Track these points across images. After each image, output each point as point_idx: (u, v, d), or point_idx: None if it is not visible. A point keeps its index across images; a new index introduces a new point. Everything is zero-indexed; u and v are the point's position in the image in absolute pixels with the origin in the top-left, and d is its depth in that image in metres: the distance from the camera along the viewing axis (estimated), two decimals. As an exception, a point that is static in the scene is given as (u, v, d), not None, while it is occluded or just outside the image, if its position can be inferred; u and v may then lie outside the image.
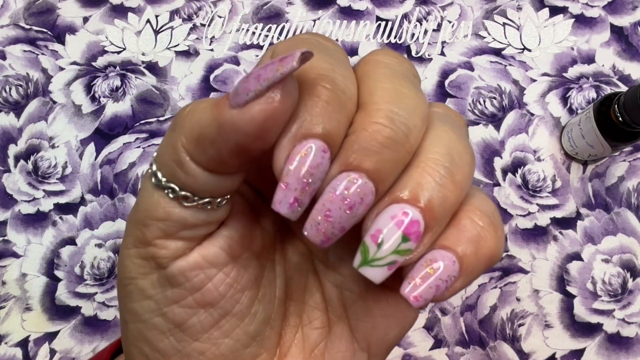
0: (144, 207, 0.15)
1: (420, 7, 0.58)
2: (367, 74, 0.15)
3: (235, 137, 0.13)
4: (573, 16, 0.57)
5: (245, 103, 0.12)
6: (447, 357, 0.48)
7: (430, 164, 0.14)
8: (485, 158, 0.53)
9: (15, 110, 0.54)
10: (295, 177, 0.13)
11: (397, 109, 0.13)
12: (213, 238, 0.16)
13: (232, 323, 0.16)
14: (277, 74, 0.12)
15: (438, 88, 0.55)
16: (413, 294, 0.14)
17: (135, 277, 0.15)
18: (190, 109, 0.14)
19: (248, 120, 0.12)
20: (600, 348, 0.48)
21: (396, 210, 0.14)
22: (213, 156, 0.13)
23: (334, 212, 0.14)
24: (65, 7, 0.58)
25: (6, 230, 0.51)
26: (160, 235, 0.15)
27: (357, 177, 0.13)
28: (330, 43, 0.15)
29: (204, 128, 0.13)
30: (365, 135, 0.13)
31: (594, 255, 0.50)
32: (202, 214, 0.15)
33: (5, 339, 0.48)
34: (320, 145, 0.13)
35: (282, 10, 0.58)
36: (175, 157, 0.14)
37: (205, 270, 0.15)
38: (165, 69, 0.56)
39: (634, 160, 0.53)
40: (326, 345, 0.18)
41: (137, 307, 0.16)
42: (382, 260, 0.14)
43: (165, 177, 0.14)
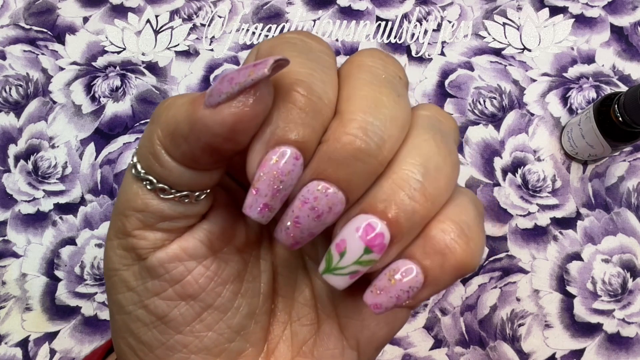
0: (124, 197, 0.15)
1: (420, 7, 0.58)
2: (348, 78, 0.14)
3: (206, 136, 0.13)
4: (573, 16, 0.57)
5: (217, 104, 0.13)
6: (447, 357, 0.48)
7: (401, 176, 0.14)
8: (485, 158, 0.53)
9: (15, 110, 0.54)
10: (266, 184, 0.13)
11: (373, 119, 0.13)
12: (193, 231, 0.16)
13: (215, 316, 0.16)
14: (249, 79, 0.12)
15: (438, 88, 0.55)
16: (373, 302, 0.14)
17: (118, 268, 0.16)
18: (169, 102, 0.14)
19: (218, 122, 0.13)
20: (600, 348, 0.48)
21: (362, 222, 0.14)
22: (186, 152, 0.14)
23: (303, 220, 0.14)
24: (65, 7, 0.58)
25: (6, 230, 0.51)
26: (139, 226, 0.15)
27: (327, 187, 0.14)
28: (315, 42, 0.15)
29: (178, 123, 0.13)
30: (337, 146, 0.13)
31: (594, 255, 0.50)
32: (180, 206, 0.15)
33: (5, 339, 0.48)
34: (293, 152, 0.13)
35: (282, 10, 0.58)
36: (152, 149, 0.14)
37: (185, 263, 0.16)
38: (165, 69, 0.56)
39: (634, 160, 0.53)
40: (315, 342, 0.18)
41: (121, 299, 0.16)
42: (344, 270, 0.14)
43: (143, 169, 0.14)
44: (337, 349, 0.18)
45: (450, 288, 0.50)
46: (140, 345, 0.16)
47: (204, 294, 0.16)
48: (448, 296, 0.49)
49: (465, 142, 0.53)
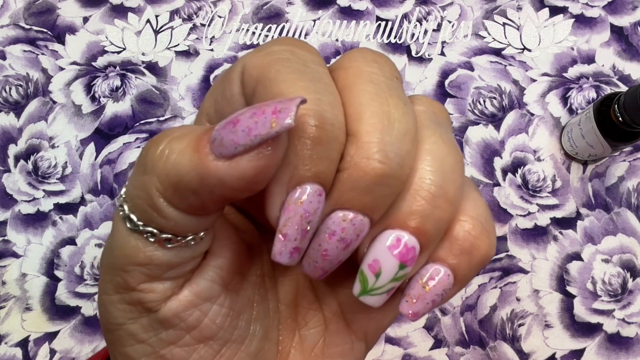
0: (121, 252, 0.14)
1: (420, 7, 0.58)
2: (350, 90, 0.13)
3: (221, 190, 0.12)
4: (573, 16, 0.57)
5: (233, 156, 0.11)
6: (447, 357, 0.48)
7: (423, 186, 0.13)
8: (485, 158, 0.53)
9: (15, 110, 0.54)
10: (294, 227, 0.13)
11: (389, 138, 0.13)
12: (202, 271, 0.15)
13: (234, 349, 0.16)
14: (272, 131, 0.11)
15: (438, 88, 0.55)
16: (411, 311, 0.14)
17: (122, 322, 0.14)
18: (163, 147, 0.12)
19: (237, 176, 0.12)
20: (600, 348, 0.48)
21: (391, 238, 0.14)
22: (194, 204, 0.12)
23: (331, 252, 0.13)
24: (65, 7, 0.58)
25: (6, 230, 0.51)
26: (144, 280, 0.14)
27: (352, 216, 0.13)
28: (305, 52, 0.14)
29: (183, 176, 0.12)
30: (358, 174, 0.13)
31: (594, 255, 0.50)
32: (187, 251, 0.14)
33: (5, 339, 0.48)
34: (315, 189, 0.13)
35: (282, 10, 0.58)
36: (151, 202, 0.13)
37: (200, 307, 0.15)
38: (165, 69, 0.56)
39: (634, 160, 0.53)
40: (324, 343, 0.18)
41: (130, 352, 0.15)
42: (381, 289, 0.14)
43: (142, 221, 0.13)
44: (346, 344, 0.18)
45: (450, 288, 0.50)
46: None
47: (222, 332, 0.15)
48: (448, 296, 0.49)
49: (465, 142, 0.53)
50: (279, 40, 0.14)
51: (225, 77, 0.14)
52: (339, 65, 0.14)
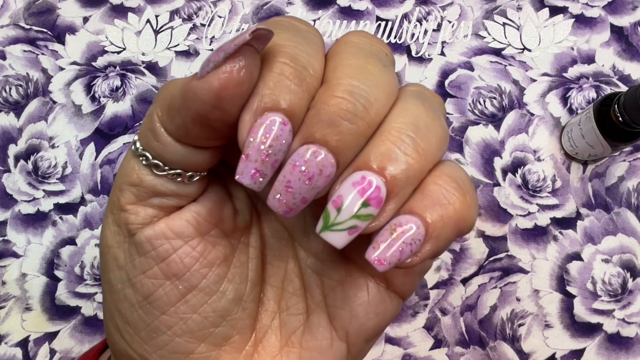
0: (121, 172, 0.16)
1: (420, 7, 0.58)
2: (334, 53, 0.15)
3: (195, 105, 0.13)
4: (573, 16, 0.57)
5: (206, 74, 0.13)
6: (447, 357, 0.48)
7: (393, 133, 0.14)
8: (485, 158, 0.53)
9: (15, 110, 0.54)
10: (255, 149, 0.14)
11: (358, 83, 0.14)
12: (181, 211, 0.16)
13: (199, 298, 0.17)
14: (232, 45, 0.13)
15: (438, 88, 0.55)
16: (377, 257, 0.14)
17: (111, 245, 0.16)
18: (169, 82, 0.15)
19: (205, 89, 0.13)
20: (600, 348, 0.48)
21: (357, 177, 0.14)
22: (179, 124, 0.14)
23: (294, 184, 0.14)
24: (65, 7, 0.58)
25: (6, 230, 0.51)
26: (132, 201, 0.16)
27: (317, 150, 0.14)
28: (303, 24, 0.15)
29: (173, 97, 0.14)
30: (324, 109, 0.14)
31: (594, 255, 0.50)
32: (172, 184, 0.16)
33: (5, 339, 0.48)
34: (280, 117, 0.13)
35: (282, 10, 0.58)
36: (150, 125, 0.15)
37: (171, 241, 0.16)
38: (165, 69, 0.56)
39: (634, 160, 0.53)
40: (303, 333, 0.18)
41: (112, 277, 0.16)
42: (342, 225, 0.14)
43: (142, 146, 0.15)
44: (325, 340, 0.18)
45: (450, 288, 0.50)
46: (126, 327, 0.17)
47: (188, 274, 0.16)
48: (448, 296, 0.49)
49: (465, 142, 0.53)
50: (284, 15, 0.16)
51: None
52: (335, 42, 0.16)
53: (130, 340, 0.17)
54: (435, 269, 0.50)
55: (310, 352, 0.18)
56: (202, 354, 0.17)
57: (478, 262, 0.50)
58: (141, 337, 0.16)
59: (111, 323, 0.17)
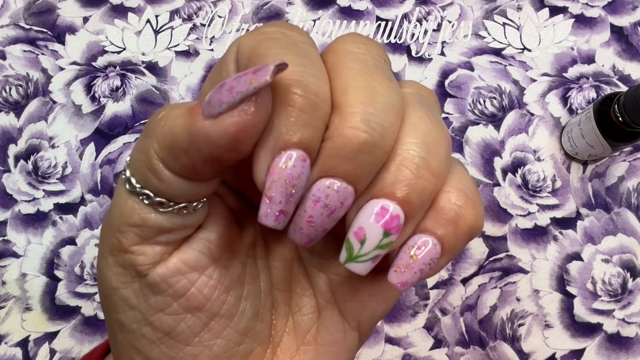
0: (118, 213, 0.15)
1: (420, 7, 0.58)
2: (337, 67, 0.14)
3: (208, 148, 0.13)
4: (573, 16, 0.57)
5: (218, 115, 0.12)
6: (447, 357, 0.48)
7: (406, 157, 0.14)
8: (485, 158, 0.53)
9: (15, 110, 0.54)
10: (278, 190, 0.13)
11: (373, 110, 0.13)
12: (191, 242, 0.16)
13: (222, 323, 0.16)
14: (251, 87, 0.12)
15: (438, 88, 0.55)
16: (399, 280, 0.15)
17: (117, 287, 0.15)
18: (164, 114, 0.14)
19: (220, 133, 0.12)
20: (600, 348, 0.48)
21: (376, 207, 0.14)
22: (186, 165, 0.13)
23: (316, 218, 0.14)
24: (65, 7, 0.58)
25: (6, 230, 0.51)
26: (137, 242, 0.15)
27: (336, 183, 0.14)
28: (296, 33, 0.15)
29: (176, 136, 0.13)
30: (342, 142, 0.13)
31: (594, 255, 0.50)
32: (179, 218, 0.15)
33: (5, 339, 0.48)
34: (300, 154, 0.13)
35: (282, 10, 0.58)
36: (149, 164, 0.14)
37: (187, 275, 0.15)
38: (165, 69, 0.56)
39: (634, 160, 0.53)
40: (317, 330, 0.18)
41: (123, 318, 0.16)
42: (366, 256, 0.14)
43: (139, 184, 0.14)
44: (339, 332, 0.18)
45: (450, 288, 0.50)
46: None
47: (209, 303, 0.16)
48: (448, 296, 0.49)
49: (465, 142, 0.53)
50: (271, 23, 0.15)
51: (222, 59, 0.15)
52: (329, 48, 0.15)
53: None
54: (435, 269, 0.50)
55: (326, 347, 0.18)
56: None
57: (478, 262, 0.50)
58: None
59: (128, 359, 0.16)
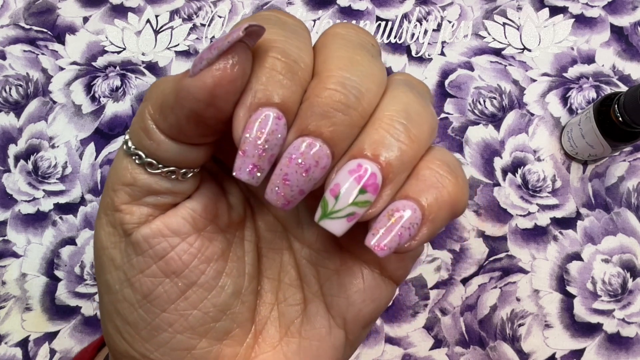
0: (114, 172, 0.16)
1: (420, 7, 0.58)
2: (323, 45, 0.15)
3: (189, 103, 0.13)
4: (573, 16, 0.57)
5: (199, 71, 0.13)
6: (447, 357, 0.48)
7: (385, 120, 0.14)
8: (485, 158, 0.53)
9: (15, 110, 0.54)
10: (252, 144, 0.14)
11: (349, 75, 0.14)
12: (177, 209, 0.16)
13: (199, 294, 0.17)
14: (225, 42, 0.13)
15: (438, 88, 0.55)
16: (377, 243, 0.14)
17: (106, 246, 0.16)
18: (160, 80, 0.15)
19: (199, 87, 0.13)
20: (600, 348, 0.48)
21: (352, 165, 0.14)
22: (173, 123, 0.14)
23: (291, 176, 0.14)
24: (65, 7, 0.58)
25: (6, 230, 0.51)
26: (126, 200, 0.16)
27: (312, 142, 0.14)
28: (289, 18, 0.16)
29: (166, 95, 0.14)
30: (317, 101, 0.14)
31: (594, 255, 0.50)
32: (167, 182, 0.16)
33: (5, 339, 0.48)
34: (275, 112, 0.14)
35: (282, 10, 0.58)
36: (142, 124, 0.15)
37: (168, 239, 0.16)
38: (165, 69, 0.56)
39: (634, 160, 0.53)
40: (302, 322, 0.18)
41: (109, 279, 0.16)
42: (340, 212, 0.14)
43: (134, 145, 0.15)
44: (323, 327, 0.18)
45: (450, 288, 0.50)
46: (126, 327, 0.17)
47: (187, 270, 0.16)
48: (448, 296, 0.49)
49: (465, 142, 0.53)
50: (271, 9, 0.16)
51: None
52: (322, 34, 0.16)
53: (131, 340, 0.17)
54: (435, 269, 0.50)
55: (310, 341, 0.18)
56: (203, 349, 0.17)
57: (478, 262, 0.50)
58: (142, 336, 0.16)
59: (110, 325, 0.17)
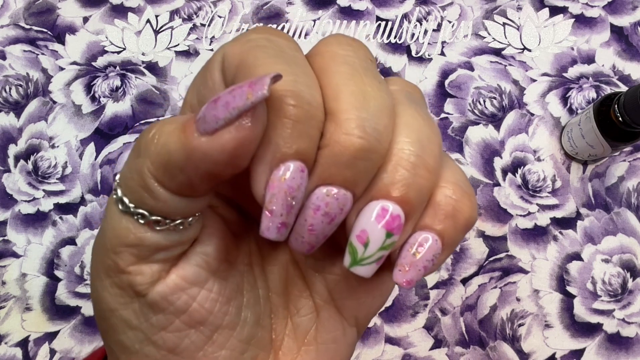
0: (112, 234, 0.14)
1: (420, 7, 0.58)
2: (326, 72, 0.14)
3: (206, 165, 0.12)
4: (573, 16, 0.57)
5: (215, 131, 0.12)
6: (447, 357, 0.48)
7: (403, 157, 0.14)
8: (485, 158, 0.53)
9: (15, 110, 0.54)
10: (279, 204, 0.13)
11: (366, 114, 0.13)
12: (188, 256, 0.15)
13: (225, 334, 0.16)
14: (248, 102, 0.12)
15: (438, 88, 0.55)
16: (405, 279, 0.15)
17: (115, 308, 0.15)
18: (155, 132, 0.13)
19: (218, 149, 0.12)
20: (600, 348, 0.48)
21: (376, 208, 0.14)
22: (183, 182, 0.13)
23: (317, 226, 0.14)
24: (65, 7, 0.58)
25: (6, 230, 0.51)
26: (133, 262, 0.14)
27: (335, 191, 0.14)
28: (282, 39, 0.14)
29: (171, 154, 0.13)
30: (339, 149, 0.13)
31: (594, 255, 0.50)
32: (175, 235, 0.14)
33: (5, 339, 0.48)
34: (298, 165, 0.13)
35: (282, 10, 0.58)
36: (143, 183, 0.13)
37: (187, 291, 0.15)
38: (165, 69, 0.56)
39: (634, 160, 0.53)
40: (317, 330, 0.18)
41: (124, 339, 0.15)
42: (370, 258, 0.14)
43: (133, 203, 0.14)
44: (338, 330, 0.18)
45: (450, 288, 0.50)
46: None
47: (212, 317, 0.16)
48: (448, 296, 0.49)
49: (465, 142, 0.53)
50: (256, 29, 0.15)
51: (207, 67, 0.15)
52: (315, 51, 0.15)
53: None
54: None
55: (326, 345, 0.18)
56: None
57: (478, 262, 0.50)
58: None
59: None
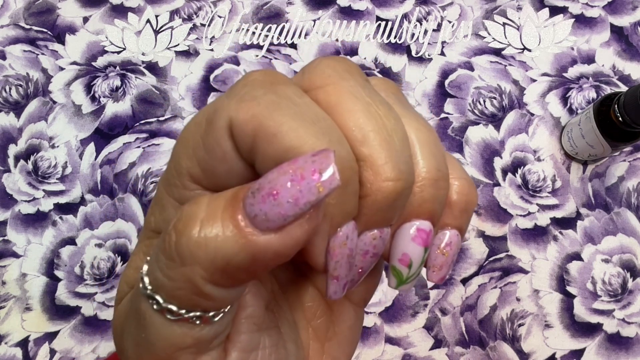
0: (165, 343, 0.13)
1: (420, 7, 0.58)
2: (338, 112, 0.13)
3: (277, 260, 0.12)
4: (573, 16, 0.57)
5: (282, 227, 0.11)
6: (447, 357, 0.48)
7: (426, 177, 0.15)
8: (485, 158, 0.53)
9: (15, 110, 0.54)
10: (344, 268, 0.14)
11: (395, 153, 0.14)
12: (238, 326, 0.15)
13: None
14: (321, 195, 0.11)
15: (438, 88, 0.55)
16: (438, 277, 0.16)
17: None
18: (198, 236, 0.12)
19: (292, 245, 0.12)
20: (600, 348, 0.48)
21: (412, 230, 0.15)
22: (246, 279, 0.13)
23: (366, 266, 0.15)
24: (65, 7, 0.58)
25: (6, 230, 0.51)
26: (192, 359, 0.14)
27: (380, 232, 0.14)
28: (283, 85, 0.13)
29: (231, 259, 0.12)
30: (382, 197, 0.13)
31: (594, 255, 0.50)
32: (230, 316, 0.14)
33: (5, 339, 0.48)
34: (351, 225, 0.14)
35: (282, 10, 0.58)
36: (197, 290, 0.12)
37: (249, 357, 0.15)
38: (165, 69, 0.56)
39: (634, 160, 0.53)
40: (334, 324, 0.19)
41: None
42: (414, 276, 0.16)
43: (184, 309, 0.13)
44: (351, 317, 0.19)
45: (450, 288, 0.50)
46: None
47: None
48: (448, 296, 0.49)
49: (465, 142, 0.53)
50: (251, 81, 0.14)
51: (210, 134, 0.13)
52: (314, 84, 0.14)
53: None
54: (435, 269, 0.50)
55: (344, 333, 0.19)
56: None
57: (478, 262, 0.50)
58: None
59: None
